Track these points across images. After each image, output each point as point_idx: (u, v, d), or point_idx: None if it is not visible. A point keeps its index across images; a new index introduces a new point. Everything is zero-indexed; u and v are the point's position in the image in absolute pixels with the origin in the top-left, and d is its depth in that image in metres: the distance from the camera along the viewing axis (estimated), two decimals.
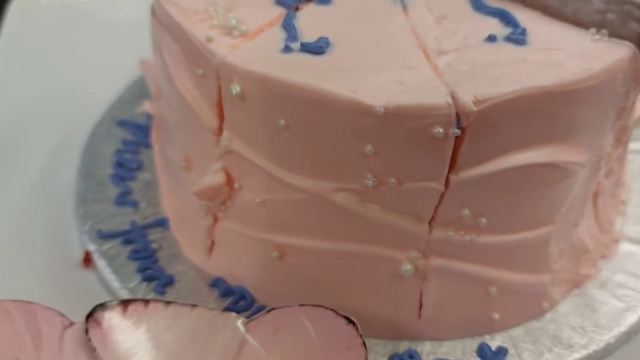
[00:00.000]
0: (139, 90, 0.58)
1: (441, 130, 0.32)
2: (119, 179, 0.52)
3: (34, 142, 0.54)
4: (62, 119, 0.57)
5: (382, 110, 0.32)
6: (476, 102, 0.32)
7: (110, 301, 0.38)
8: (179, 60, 0.39)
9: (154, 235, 0.47)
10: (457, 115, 0.32)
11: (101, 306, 0.38)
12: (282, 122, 0.34)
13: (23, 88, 0.58)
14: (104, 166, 0.52)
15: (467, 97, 0.32)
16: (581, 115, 0.36)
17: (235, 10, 0.38)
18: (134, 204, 0.49)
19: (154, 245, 0.46)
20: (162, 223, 0.48)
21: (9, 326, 0.36)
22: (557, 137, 0.35)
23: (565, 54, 0.35)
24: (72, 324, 0.37)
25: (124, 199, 0.50)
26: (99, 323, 0.37)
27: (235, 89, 0.35)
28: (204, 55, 0.36)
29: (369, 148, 0.33)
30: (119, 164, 0.53)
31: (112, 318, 0.37)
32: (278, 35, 0.36)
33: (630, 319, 0.42)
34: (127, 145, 0.55)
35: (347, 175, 0.35)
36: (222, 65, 0.35)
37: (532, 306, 0.41)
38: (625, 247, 0.47)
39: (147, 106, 0.54)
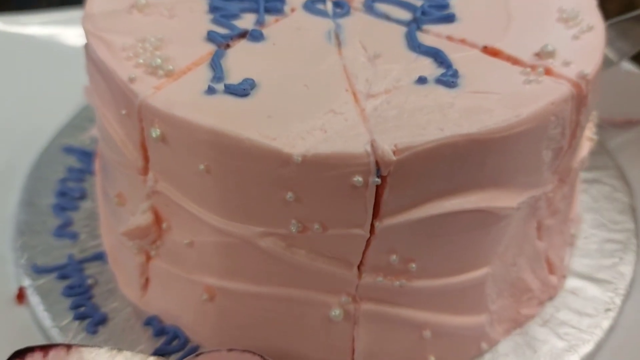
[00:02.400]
0: (88, 115, 0.58)
1: (361, 179, 0.31)
2: (60, 209, 0.51)
3: None
4: (6, 145, 0.55)
5: (299, 159, 0.31)
6: (396, 152, 0.31)
7: (30, 347, 0.37)
8: (107, 98, 0.38)
9: (91, 269, 0.46)
10: (377, 164, 0.31)
11: (21, 351, 0.37)
12: (202, 166, 0.33)
13: None
14: (47, 195, 0.51)
15: (387, 146, 0.31)
16: (511, 160, 0.35)
17: (164, 47, 0.37)
18: (74, 236, 0.48)
19: (90, 281, 0.45)
20: (100, 257, 0.47)
21: None
22: (486, 183, 0.35)
23: (495, 98, 0.35)
24: None
25: (63, 231, 0.49)
26: None
27: (156, 132, 0.34)
28: (127, 95, 0.35)
29: (289, 195, 0.32)
30: (62, 193, 0.52)
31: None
32: (204, 75, 0.36)
33: (579, 350, 0.42)
34: (72, 172, 0.54)
35: (271, 221, 0.34)
36: (143, 106, 0.34)
37: (469, 347, 0.41)
38: (571, 282, 0.46)
39: (94, 131, 0.53)
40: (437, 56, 0.37)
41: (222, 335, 0.39)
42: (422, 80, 0.36)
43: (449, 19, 0.40)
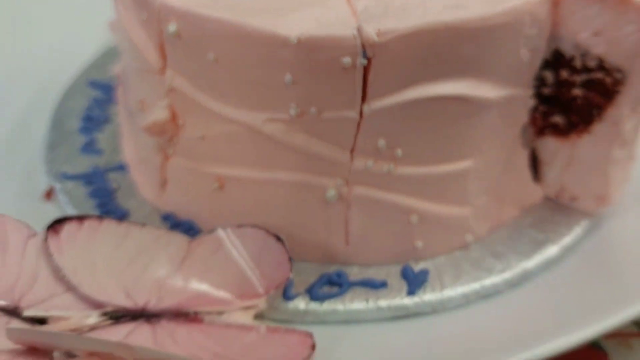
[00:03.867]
0: (112, 54, 0.63)
1: (349, 60, 0.36)
2: (86, 130, 0.56)
3: (10, 96, 0.59)
4: (37, 76, 0.61)
5: (295, 40, 0.35)
6: (379, 34, 0.35)
7: (68, 216, 0.42)
8: (129, 7, 0.43)
9: (114, 177, 0.51)
10: (363, 46, 0.36)
11: (60, 219, 0.42)
12: (212, 55, 0.38)
13: (12, 44, 0.62)
14: (74, 120, 0.56)
15: (372, 30, 0.35)
16: (489, 53, 0.39)
17: None
18: (98, 152, 0.53)
19: (113, 185, 0.50)
20: (122, 167, 0.52)
21: None
22: (466, 72, 0.39)
23: None
24: (36, 234, 0.41)
25: (89, 148, 0.54)
26: (57, 233, 0.41)
27: (172, 27, 0.39)
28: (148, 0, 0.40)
29: (288, 77, 0.37)
30: (88, 118, 0.57)
31: (69, 230, 0.41)
32: None
33: (551, 250, 0.45)
34: (96, 102, 0.59)
35: (273, 105, 0.39)
36: (161, 7, 0.39)
37: (455, 236, 0.45)
38: None
39: (116, 69, 0.58)
40: None
41: (231, 221, 0.44)
42: None
43: None
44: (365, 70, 0.37)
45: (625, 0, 0.39)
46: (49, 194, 0.50)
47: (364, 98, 0.38)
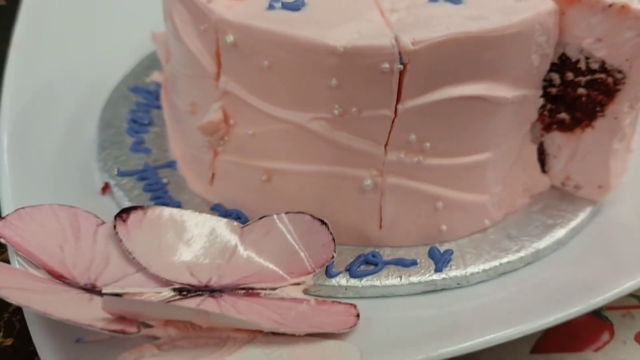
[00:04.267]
0: (148, 63, 0.68)
1: (388, 65, 0.42)
2: (133, 131, 0.61)
3: (62, 101, 0.64)
4: (82, 86, 0.66)
5: (342, 49, 0.41)
6: (414, 43, 0.41)
7: (134, 206, 0.47)
8: (186, 20, 0.48)
9: (164, 174, 0.57)
10: (400, 54, 0.41)
11: (126, 209, 0.47)
12: (266, 63, 0.44)
13: (52, 58, 0.68)
14: (121, 122, 0.62)
15: (407, 39, 0.41)
16: (505, 58, 0.45)
17: None
18: (147, 151, 0.59)
19: (165, 180, 0.56)
20: (170, 165, 0.57)
21: (56, 223, 0.46)
22: (485, 75, 0.45)
23: (492, 9, 0.45)
24: (104, 223, 0.47)
25: (138, 147, 0.59)
26: (124, 221, 0.46)
27: (230, 38, 0.44)
28: (206, 13, 0.46)
29: (334, 81, 0.43)
30: (133, 120, 0.62)
31: (135, 218, 0.47)
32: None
33: (559, 233, 0.51)
34: (139, 106, 0.64)
35: (319, 106, 0.45)
36: (219, 20, 0.45)
37: (475, 221, 0.51)
38: None
39: (155, 76, 0.64)
40: None
41: (276, 210, 0.49)
42: (434, 0, 0.46)
43: None
44: (401, 74, 0.42)
45: (625, 9, 0.45)
46: (105, 189, 0.56)
47: (398, 98, 0.44)
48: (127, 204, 0.54)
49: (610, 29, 0.46)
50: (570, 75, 0.49)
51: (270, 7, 0.45)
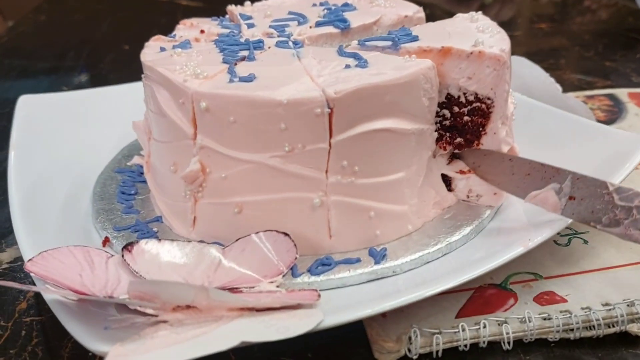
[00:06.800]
0: (127, 152, 0.84)
1: (319, 110, 0.59)
2: (123, 199, 0.75)
3: (59, 182, 0.78)
4: (75, 171, 0.80)
5: (286, 101, 0.58)
6: (336, 93, 0.59)
7: (134, 241, 0.61)
8: (167, 98, 0.65)
9: (153, 226, 0.70)
10: (327, 101, 0.59)
11: (130, 242, 0.60)
12: (232, 118, 0.60)
13: (45, 153, 0.82)
14: (111, 195, 0.76)
15: (331, 91, 0.59)
16: (401, 100, 0.63)
17: (199, 67, 0.65)
18: (137, 212, 0.73)
19: (155, 229, 0.69)
20: (158, 219, 0.71)
21: (73, 259, 0.59)
22: (389, 113, 0.62)
23: (388, 68, 0.63)
24: (113, 255, 0.60)
25: (129, 210, 0.73)
26: (130, 251, 0.59)
27: (203, 104, 0.61)
28: (184, 90, 0.62)
29: (282, 126, 0.59)
30: (122, 192, 0.77)
31: (138, 248, 0.60)
32: (225, 76, 0.63)
33: (466, 230, 0.67)
34: (125, 182, 0.79)
35: (273, 146, 0.60)
36: (194, 93, 0.61)
37: (401, 226, 0.66)
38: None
39: (136, 159, 0.80)
40: (356, 56, 0.66)
41: (247, 233, 0.63)
42: (347, 66, 0.64)
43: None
44: (330, 116, 0.59)
45: (481, 54, 0.64)
46: (105, 243, 0.69)
47: (330, 134, 0.60)
48: None
49: (475, 69, 0.65)
50: (456, 109, 0.67)
51: (231, 81, 0.62)
